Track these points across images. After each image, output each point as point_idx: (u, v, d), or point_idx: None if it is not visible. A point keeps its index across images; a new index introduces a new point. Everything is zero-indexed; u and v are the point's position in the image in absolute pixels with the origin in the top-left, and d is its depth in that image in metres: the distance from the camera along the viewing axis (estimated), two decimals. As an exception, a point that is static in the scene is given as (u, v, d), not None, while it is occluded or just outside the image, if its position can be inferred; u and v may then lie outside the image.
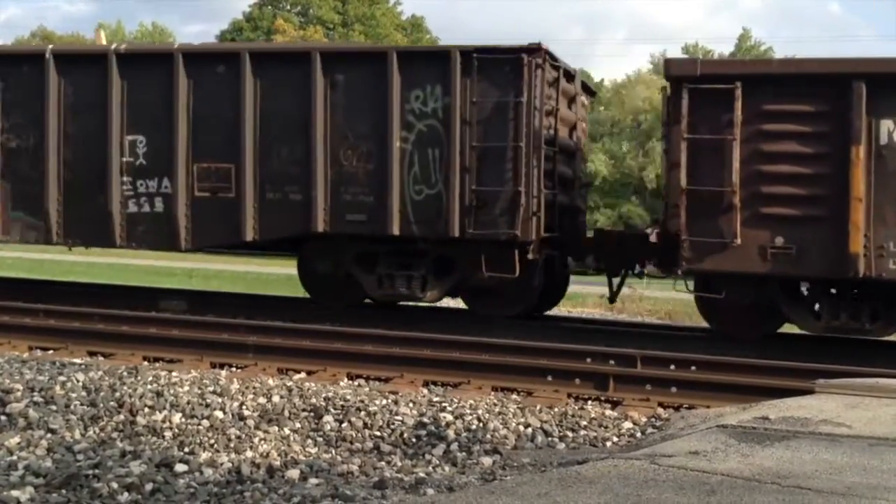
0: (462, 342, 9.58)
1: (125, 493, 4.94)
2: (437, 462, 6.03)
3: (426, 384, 8.45)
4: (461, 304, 12.55)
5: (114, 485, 5.01)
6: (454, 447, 6.33)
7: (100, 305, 11.72)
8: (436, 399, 7.69)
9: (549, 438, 6.76)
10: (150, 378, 7.75)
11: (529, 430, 6.86)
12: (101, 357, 9.24)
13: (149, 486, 5.06)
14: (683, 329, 13.31)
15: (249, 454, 5.95)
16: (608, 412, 7.62)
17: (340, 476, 5.54)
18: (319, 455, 6.08)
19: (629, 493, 4.19)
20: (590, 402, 8.00)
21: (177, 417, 6.59)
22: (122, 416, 6.59)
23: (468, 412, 7.18)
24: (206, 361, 9.03)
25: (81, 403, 6.89)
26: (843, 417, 6.09)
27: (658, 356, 9.03)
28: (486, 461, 6.02)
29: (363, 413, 6.93)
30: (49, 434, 6.17)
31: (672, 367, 8.69)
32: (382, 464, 5.92)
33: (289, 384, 7.92)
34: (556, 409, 7.52)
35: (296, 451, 6.10)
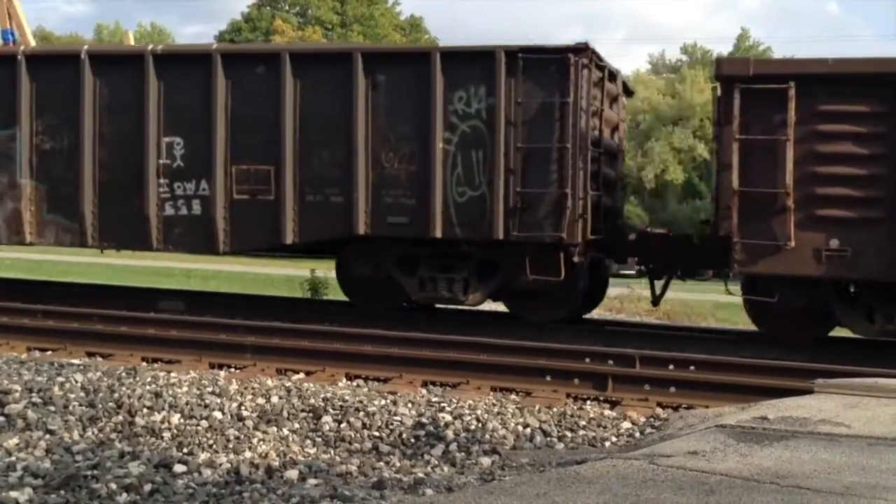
0: (460, 342, 9.57)
1: (124, 494, 4.95)
2: (436, 462, 6.03)
3: (425, 384, 8.45)
4: (461, 305, 12.45)
5: (112, 485, 5.01)
6: (453, 447, 6.33)
7: (98, 306, 11.72)
8: (434, 399, 7.69)
9: (548, 438, 6.76)
10: (149, 379, 7.75)
11: (528, 431, 6.87)
12: (100, 358, 9.25)
13: (147, 487, 5.06)
14: (682, 329, 13.32)
15: (248, 455, 5.94)
16: (607, 412, 7.62)
17: (339, 476, 5.54)
18: (318, 455, 6.08)
19: (628, 493, 4.19)
20: (588, 402, 8.01)
21: (175, 418, 6.59)
22: (121, 417, 6.58)
23: (467, 412, 7.18)
24: (205, 362, 9.03)
25: (80, 404, 6.89)
26: (842, 417, 6.09)
27: (657, 356, 9.04)
28: (485, 461, 6.02)
29: (362, 413, 6.93)
30: (47, 435, 6.16)
31: (671, 367, 8.69)
32: (381, 464, 5.92)
33: (287, 384, 7.92)
34: (555, 409, 7.53)
35: (294, 452, 6.10)
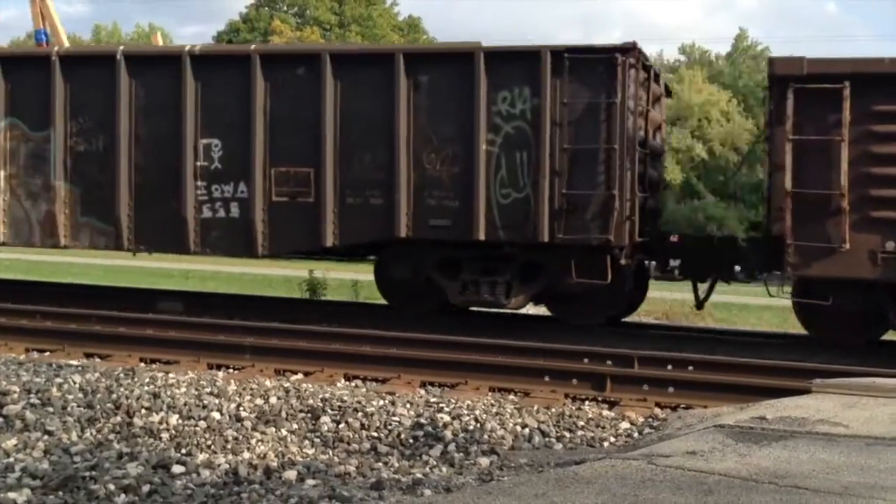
0: (459, 343, 9.56)
1: (122, 495, 4.95)
2: (435, 463, 6.03)
3: (423, 385, 8.45)
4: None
5: (111, 486, 5.01)
6: (451, 448, 6.33)
7: (96, 307, 11.69)
8: (433, 400, 7.70)
9: (547, 439, 6.76)
10: (147, 379, 7.74)
11: (527, 431, 6.87)
12: (98, 359, 9.25)
13: (146, 488, 5.06)
14: (680, 329, 13.31)
15: (247, 455, 5.94)
16: (605, 412, 7.62)
17: (338, 477, 5.55)
18: (317, 456, 6.08)
19: (626, 494, 4.19)
20: (587, 403, 8.01)
21: (174, 419, 6.59)
22: (119, 418, 6.58)
23: (465, 413, 7.18)
24: (203, 363, 9.03)
25: (78, 405, 6.88)
26: (840, 417, 6.10)
27: (655, 356, 9.04)
28: (484, 462, 6.02)
29: (360, 414, 6.93)
30: (46, 436, 6.16)
31: (669, 368, 8.69)
32: (380, 464, 5.92)
33: (286, 385, 7.92)
34: (554, 410, 7.53)
35: (293, 452, 6.10)
